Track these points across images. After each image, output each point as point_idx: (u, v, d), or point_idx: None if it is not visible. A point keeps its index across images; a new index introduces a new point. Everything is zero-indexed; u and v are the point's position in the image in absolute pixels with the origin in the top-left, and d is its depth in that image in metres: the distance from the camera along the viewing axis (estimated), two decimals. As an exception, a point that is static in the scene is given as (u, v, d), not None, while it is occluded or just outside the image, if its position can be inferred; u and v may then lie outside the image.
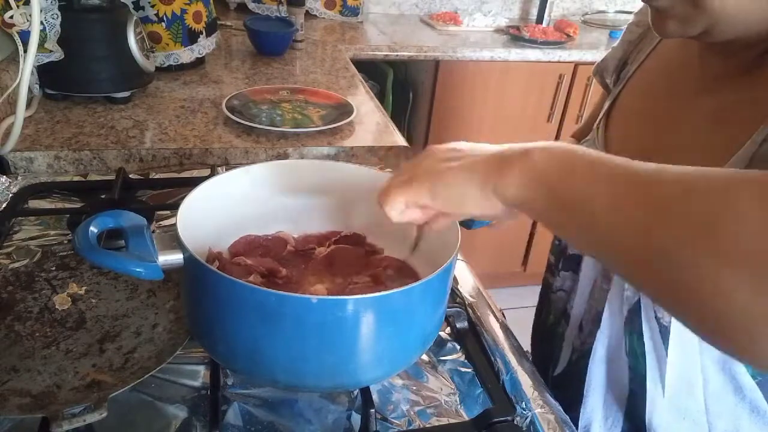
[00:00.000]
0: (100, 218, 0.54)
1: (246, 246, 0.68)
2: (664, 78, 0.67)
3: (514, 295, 2.47)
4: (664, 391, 0.61)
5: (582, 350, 0.72)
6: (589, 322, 0.71)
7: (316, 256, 0.68)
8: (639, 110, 0.69)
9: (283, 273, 0.64)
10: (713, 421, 0.61)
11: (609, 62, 0.78)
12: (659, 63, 0.69)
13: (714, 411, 0.60)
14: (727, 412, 0.60)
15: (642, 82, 0.70)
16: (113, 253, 0.52)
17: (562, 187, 0.41)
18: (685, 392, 0.60)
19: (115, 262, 0.51)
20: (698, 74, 0.61)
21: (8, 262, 0.74)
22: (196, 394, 0.59)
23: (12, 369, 0.57)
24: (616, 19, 2.56)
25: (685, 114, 0.61)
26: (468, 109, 2.10)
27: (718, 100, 0.58)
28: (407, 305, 0.52)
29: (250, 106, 1.24)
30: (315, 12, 2.17)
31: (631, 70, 0.72)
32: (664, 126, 0.63)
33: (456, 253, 0.55)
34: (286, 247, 0.69)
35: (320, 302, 0.49)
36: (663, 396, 0.61)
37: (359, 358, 0.53)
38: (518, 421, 0.59)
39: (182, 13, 1.37)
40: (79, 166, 1.02)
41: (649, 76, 0.69)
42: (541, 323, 0.85)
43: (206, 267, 0.50)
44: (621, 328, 0.64)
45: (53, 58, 1.12)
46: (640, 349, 0.62)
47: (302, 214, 0.71)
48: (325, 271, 0.66)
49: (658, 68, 0.69)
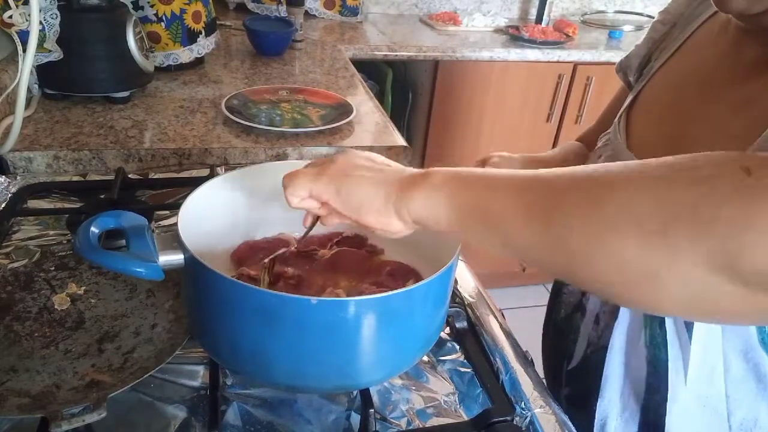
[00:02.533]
0: (101, 218, 0.54)
1: (248, 251, 0.68)
2: (694, 71, 0.67)
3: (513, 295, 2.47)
4: (686, 380, 0.61)
5: (598, 344, 0.72)
6: (607, 314, 0.71)
7: (319, 257, 0.68)
8: (664, 102, 0.69)
9: (290, 273, 0.64)
10: (733, 410, 0.61)
11: (632, 59, 0.79)
12: (688, 58, 0.69)
13: (734, 399, 0.60)
14: (747, 400, 0.60)
15: (668, 78, 0.71)
16: (114, 253, 0.52)
17: (468, 200, 0.44)
18: (706, 380, 0.61)
19: (116, 262, 0.51)
20: (731, 63, 0.62)
21: (7, 262, 0.74)
22: (195, 394, 0.59)
23: (11, 369, 0.57)
24: (616, 19, 2.56)
25: (713, 104, 0.62)
26: (467, 109, 2.10)
27: (748, 89, 0.58)
28: (409, 306, 0.52)
29: (249, 106, 1.23)
30: (314, 12, 2.17)
31: (655, 67, 0.73)
32: (690, 116, 0.64)
33: (457, 254, 0.55)
34: (288, 249, 0.69)
35: (320, 303, 0.49)
36: (685, 384, 0.61)
37: (360, 360, 0.53)
38: (517, 421, 0.59)
39: (181, 13, 1.37)
40: (79, 166, 1.02)
41: (676, 71, 0.70)
42: (554, 319, 0.85)
43: (207, 267, 0.50)
44: (640, 320, 0.64)
45: (52, 58, 1.12)
46: (661, 339, 0.62)
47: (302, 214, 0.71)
48: (330, 272, 0.66)
49: (687, 63, 0.69)
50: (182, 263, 0.53)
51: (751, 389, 0.60)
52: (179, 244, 0.53)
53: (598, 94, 2.15)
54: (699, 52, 0.68)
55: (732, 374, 0.60)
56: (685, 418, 0.63)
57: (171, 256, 0.52)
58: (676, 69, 0.70)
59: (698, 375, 0.61)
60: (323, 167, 0.51)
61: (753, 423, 0.61)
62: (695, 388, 0.61)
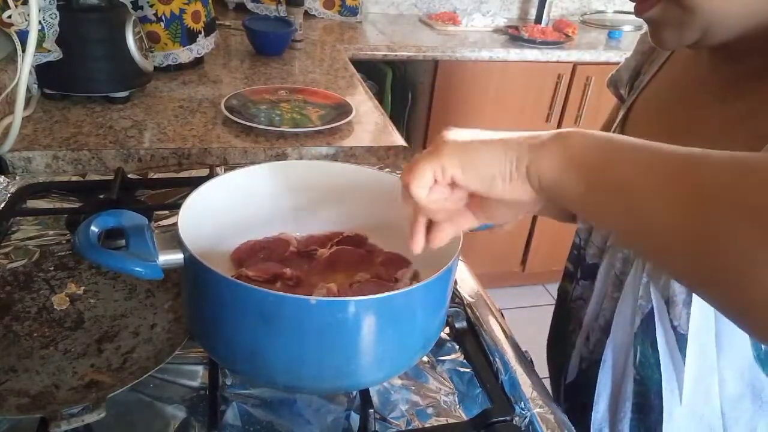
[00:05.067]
0: (101, 218, 0.54)
1: (248, 252, 0.68)
2: (677, 88, 0.67)
3: (513, 295, 2.47)
4: (681, 399, 0.61)
5: (591, 359, 0.72)
6: (597, 331, 0.71)
7: (319, 257, 0.68)
8: (653, 120, 0.69)
9: (288, 273, 0.64)
10: (729, 427, 0.60)
11: (623, 73, 0.78)
12: (672, 73, 0.69)
13: (730, 417, 0.60)
14: (743, 418, 0.60)
15: (656, 92, 0.70)
16: (113, 252, 0.52)
17: (601, 170, 0.39)
18: (702, 398, 0.60)
19: (116, 261, 0.51)
20: (709, 83, 0.61)
21: (6, 262, 0.74)
22: (194, 394, 0.59)
23: (10, 369, 0.57)
24: (615, 19, 2.56)
25: (697, 124, 0.61)
26: (467, 108, 2.10)
27: (728, 109, 0.58)
28: (409, 306, 0.52)
29: (248, 105, 1.23)
30: (314, 12, 2.17)
31: (645, 80, 0.72)
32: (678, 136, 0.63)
33: (458, 255, 0.55)
34: (288, 248, 0.69)
35: (319, 303, 0.48)
36: (680, 404, 0.61)
37: (360, 360, 0.53)
38: (517, 421, 0.59)
39: (181, 13, 1.37)
40: (78, 165, 1.02)
41: (662, 86, 0.70)
42: (557, 332, 0.84)
43: (206, 267, 0.50)
44: (629, 339, 0.63)
45: (51, 58, 1.12)
46: (654, 359, 0.61)
47: (303, 214, 0.71)
48: (329, 271, 0.66)
49: (671, 78, 0.69)
50: (182, 263, 0.53)
51: (748, 407, 0.59)
52: (179, 244, 0.52)
53: (597, 94, 2.15)
54: (681, 67, 0.68)
55: (727, 392, 0.59)
56: None
57: (171, 255, 0.52)
58: (665, 82, 0.70)
59: (693, 394, 0.60)
60: (436, 146, 0.45)
61: None
62: (691, 407, 0.61)
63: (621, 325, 0.65)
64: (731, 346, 0.57)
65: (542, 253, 2.42)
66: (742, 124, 0.56)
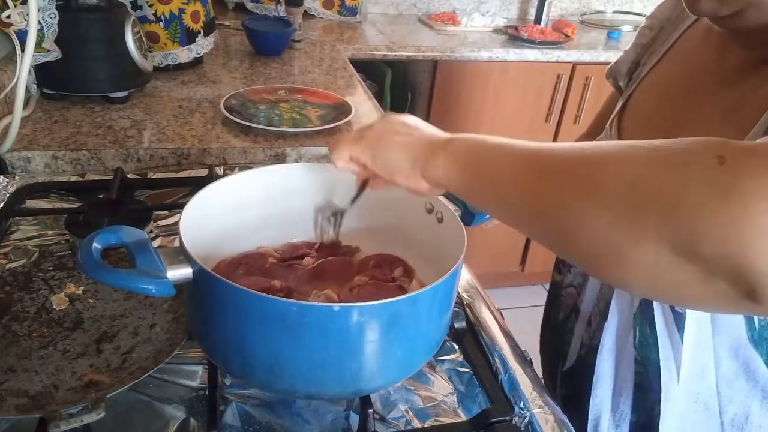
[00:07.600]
0: (102, 234, 0.52)
1: (227, 268, 0.66)
2: (681, 76, 0.68)
3: (512, 295, 2.47)
4: (678, 378, 0.62)
5: (590, 345, 0.73)
6: (597, 316, 0.72)
7: (303, 267, 0.67)
8: (654, 107, 0.70)
9: (278, 285, 0.63)
10: (725, 406, 0.62)
11: (621, 65, 0.80)
12: (675, 62, 0.70)
13: (726, 395, 0.61)
14: (738, 397, 0.61)
15: (656, 82, 0.71)
16: (121, 270, 0.49)
17: (477, 165, 0.48)
18: (697, 377, 0.62)
19: (126, 281, 0.49)
20: (716, 68, 0.62)
21: (5, 262, 0.74)
22: (194, 394, 0.59)
23: (9, 369, 0.57)
24: (614, 19, 2.56)
25: (701, 109, 0.62)
26: (466, 109, 2.10)
27: (734, 93, 0.59)
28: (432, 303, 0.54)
29: (248, 105, 1.23)
30: (313, 12, 2.17)
31: (644, 72, 0.73)
32: (680, 121, 0.64)
33: (463, 255, 0.55)
34: (267, 261, 0.68)
35: (342, 309, 0.48)
36: (678, 383, 0.62)
37: (381, 362, 0.53)
38: (516, 420, 0.59)
39: (180, 13, 1.37)
40: (77, 165, 1.02)
41: (664, 75, 0.71)
42: (551, 320, 0.85)
43: (222, 281, 0.49)
44: (629, 320, 0.65)
45: (51, 58, 1.12)
46: (652, 339, 0.63)
47: (303, 215, 0.71)
48: (316, 281, 0.65)
49: (674, 67, 0.70)
50: (191, 277, 0.51)
51: (742, 386, 0.61)
52: (186, 257, 0.51)
53: (596, 94, 2.15)
54: (685, 56, 0.69)
55: (723, 371, 0.61)
56: (678, 415, 0.63)
57: (179, 270, 0.51)
58: (665, 73, 0.71)
59: (690, 372, 0.62)
60: (362, 132, 0.57)
61: (744, 419, 0.62)
62: (687, 386, 0.62)
63: (620, 308, 0.66)
64: (725, 324, 0.59)
65: (542, 253, 2.42)
66: (745, 106, 0.57)
